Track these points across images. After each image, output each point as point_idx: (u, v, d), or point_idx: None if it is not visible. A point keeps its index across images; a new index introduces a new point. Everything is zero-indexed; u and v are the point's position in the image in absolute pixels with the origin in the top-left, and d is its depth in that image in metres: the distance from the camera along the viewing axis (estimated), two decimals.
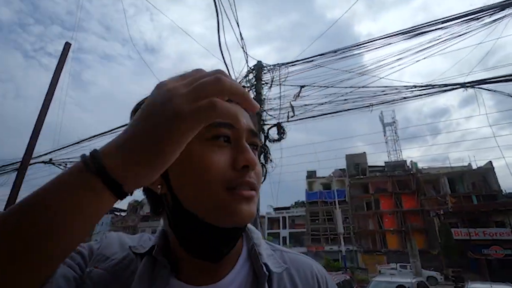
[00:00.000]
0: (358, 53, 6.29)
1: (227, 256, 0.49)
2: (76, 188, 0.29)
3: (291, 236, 37.69)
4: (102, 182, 0.29)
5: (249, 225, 0.56)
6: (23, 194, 5.19)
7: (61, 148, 9.72)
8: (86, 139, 8.91)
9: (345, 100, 6.26)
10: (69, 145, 9.43)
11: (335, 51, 6.28)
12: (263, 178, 0.52)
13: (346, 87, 6.30)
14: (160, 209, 0.51)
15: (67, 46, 5.48)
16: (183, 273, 0.49)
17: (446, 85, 5.24)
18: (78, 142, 9.15)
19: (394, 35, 5.86)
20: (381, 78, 6.16)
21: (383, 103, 5.98)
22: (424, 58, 5.53)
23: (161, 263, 0.47)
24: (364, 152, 36.70)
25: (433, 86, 5.32)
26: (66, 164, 11.12)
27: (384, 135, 41.73)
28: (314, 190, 37.53)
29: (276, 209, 38.75)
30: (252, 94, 6.95)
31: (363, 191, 34.01)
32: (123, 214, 49.80)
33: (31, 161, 5.83)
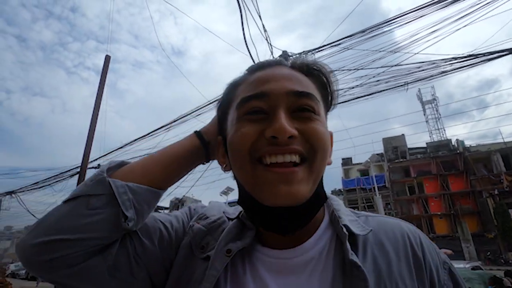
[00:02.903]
0: (389, 30, 5.96)
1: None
2: (194, 153, 0.59)
3: None
4: (206, 151, 0.59)
5: (328, 194, 0.56)
6: None
7: (107, 154, 10.53)
8: (128, 143, 9.57)
9: (377, 81, 5.98)
10: (114, 150, 10.18)
11: (363, 31, 6.00)
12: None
13: (377, 68, 6.01)
14: None
15: (107, 58, 5.89)
16: (264, 238, 0.52)
17: (490, 53, 4.75)
18: (121, 147, 9.85)
19: (428, 5, 5.44)
20: (415, 54, 5.79)
21: (419, 80, 5.61)
22: (462, 28, 5.06)
23: (248, 226, 0.53)
24: (403, 134, 34.61)
25: (476, 56, 4.85)
26: None
27: (424, 114, 38.86)
28: (351, 177, 36.42)
29: None
30: None
31: (404, 175, 32.22)
32: (166, 211, 53.01)
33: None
